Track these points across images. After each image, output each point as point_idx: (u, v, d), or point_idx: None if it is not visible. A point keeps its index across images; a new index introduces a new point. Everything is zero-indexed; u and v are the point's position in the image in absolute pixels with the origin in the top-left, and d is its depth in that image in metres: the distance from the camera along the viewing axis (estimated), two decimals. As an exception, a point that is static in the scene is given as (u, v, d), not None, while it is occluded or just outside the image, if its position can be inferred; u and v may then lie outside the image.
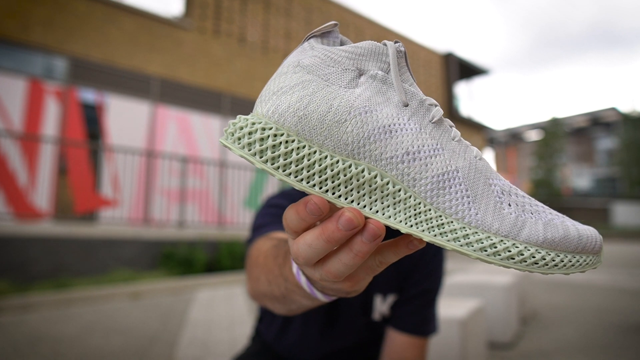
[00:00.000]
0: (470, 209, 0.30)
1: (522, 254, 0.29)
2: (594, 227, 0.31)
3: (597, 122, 29.44)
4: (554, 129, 24.61)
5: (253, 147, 0.30)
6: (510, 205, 0.31)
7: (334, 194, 0.30)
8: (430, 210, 0.30)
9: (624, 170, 24.25)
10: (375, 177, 0.30)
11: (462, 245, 0.29)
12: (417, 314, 0.87)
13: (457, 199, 0.30)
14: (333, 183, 0.30)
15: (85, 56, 6.48)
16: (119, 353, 2.30)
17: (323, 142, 0.30)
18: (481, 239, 0.29)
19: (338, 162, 0.30)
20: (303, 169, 0.30)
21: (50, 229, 4.47)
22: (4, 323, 2.89)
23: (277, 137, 0.30)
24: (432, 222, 0.30)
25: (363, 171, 0.30)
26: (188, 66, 7.61)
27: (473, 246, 0.29)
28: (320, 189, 0.30)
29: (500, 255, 0.29)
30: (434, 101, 0.34)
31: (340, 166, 0.30)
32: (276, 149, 0.30)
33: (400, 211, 0.31)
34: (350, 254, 0.30)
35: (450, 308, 1.89)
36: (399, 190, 0.31)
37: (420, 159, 0.31)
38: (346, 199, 0.31)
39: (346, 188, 0.30)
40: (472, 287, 2.63)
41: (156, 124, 7.06)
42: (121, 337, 2.59)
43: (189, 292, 4.19)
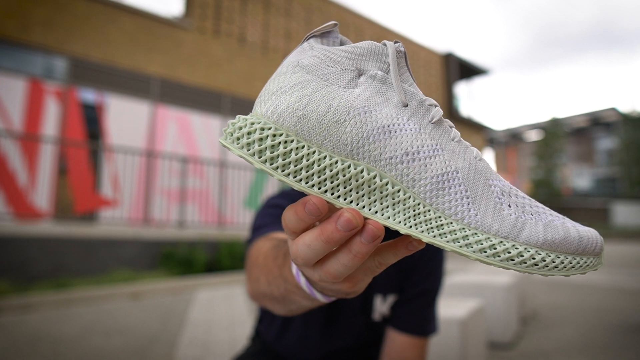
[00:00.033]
0: (470, 210, 0.30)
1: (522, 256, 0.29)
2: (594, 228, 0.31)
3: (597, 122, 29.44)
4: (554, 129, 24.61)
5: (252, 147, 0.30)
6: (510, 206, 0.31)
7: (332, 195, 0.30)
8: (429, 211, 0.30)
9: (624, 170, 24.24)
10: (375, 177, 0.30)
11: (461, 247, 0.29)
12: (417, 314, 0.87)
13: (457, 200, 0.30)
14: (332, 183, 0.30)
15: (85, 56, 6.48)
16: (119, 353, 2.29)
17: (322, 142, 0.30)
18: (481, 240, 0.29)
19: (337, 163, 0.30)
20: (302, 169, 0.30)
21: (50, 229, 4.47)
22: (4, 323, 2.89)
23: (276, 137, 0.30)
24: (431, 223, 0.30)
25: (362, 171, 0.30)
26: (188, 66, 7.61)
27: (472, 247, 0.29)
28: (319, 189, 0.30)
29: (500, 256, 0.29)
30: (433, 101, 0.33)
31: (339, 166, 0.30)
32: (275, 149, 0.30)
33: (400, 212, 0.30)
34: (349, 254, 0.30)
35: (450, 308, 1.89)
36: (398, 191, 0.30)
37: (420, 160, 0.30)
38: (345, 200, 0.30)
39: (345, 188, 0.30)
40: (472, 287, 2.63)
41: (156, 124, 7.06)
42: (121, 337, 2.59)
43: (189, 292, 4.19)
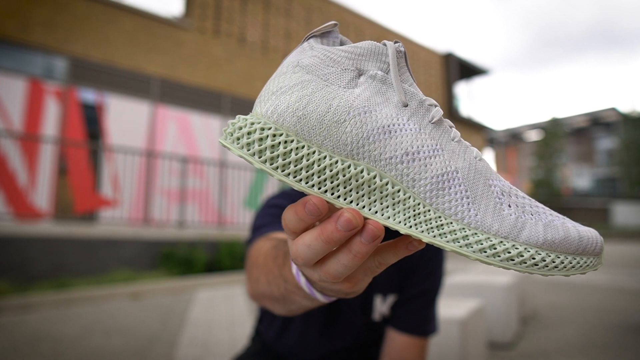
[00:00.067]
0: (470, 210, 0.30)
1: (522, 256, 0.29)
2: (594, 228, 0.31)
3: (597, 122, 29.44)
4: (554, 129, 24.61)
5: (252, 147, 0.30)
6: (510, 206, 0.31)
7: (332, 195, 0.30)
8: (429, 211, 0.30)
9: (624, 170, 24.24)
10: (375, 177, 0.30)
11: (461, 247, 0.29)
12: (417, 314, 0.87)
13: (457, 200, 0.30)
14: (332, 183, 0.30)
15: (85, 56, 6.48)
16: (119, 353, 2.29)
17: (322, 142, 0.30)
18: (481, 240, 0.29)
19: (337, 163, 0.30)
20: (302, 169, 0.30)
21: (50, 229, 4.47)
22: (4, 323, 2.89)
23: (276, 137, 0.30)
24: (431, 223, 0.30)
25: (362, 171, 0.30)
26: (188, 66, 7.61)
27: (472, 247, 0.29)
28: (319, 189, 0.30)
29: (499, 256, 0.29)
30: (433, 101, 0.33)
31: (339, 166, 0.30)
32: (275, 149, 0.30)
33: (400, 212, 0.30)
34: (349, 254, 0.30)
35: (450, 308, 1.89)
36: (398, 191, 0.30)
37: (420, 160, 0.30)
38: (345, 200, 0.30)
39: (345, 188, 0.30)
40: (472, 287, 2.63)
41: (156, 124, 7.06)
42: (121, 337, 2.59)
43: (189, 292, 4.19)
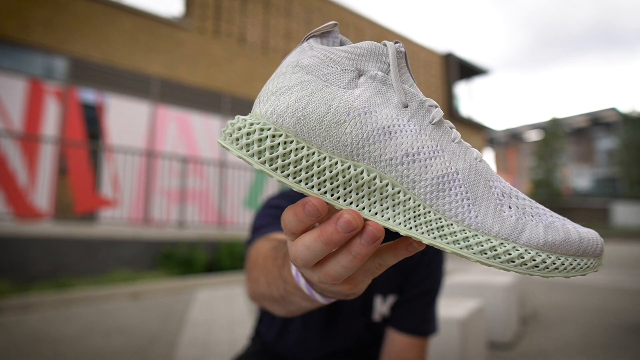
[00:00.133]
0: (470, 212, 0.30)
1: (523, 257, 0.29)
2: (594, 228, 0.31)
3: (597, 122, 29.44)
4: (554, 129, 24.61)
5: (251, 148, 0.30)
6: (510, 207, 0.30)
7: (332, 196, 0.30)
8: (429, 212, 0.30)
9: (624, 170, 24.24)
10: (375, 178, 0.30)
11: (461, 248, 0.29)
12: (417, 314, 0.87)
13: (457, 201, 0.30)
14: (332, 185, 0.30)
15: (85, 56, 6.48)
16: (119, 353, 2.29)
17: (322, 143, 0.30)
18: (481, 242, 0.29)
19: (337, 164, 0.30)
20: (301, 170, 0.30)
21: (50, 229, 4.47)
22: (4, 323, 2.88)
23: (275, 138, 0.30)
24: (431, 225, 0.30)
25: (362, 173, 0.30)
26: (188, 66, 7.60)
27: (473, 249, 0.29)
28: (319, 190, 0.30)
29: (500, 258, 0.29)
30: (434, 102, 0.33)
31: (339, 167, 0.30)
32: (274, 150, 0.30)
33: (400, 213, 0.30)
34: (349, 256, 0.30)
35: (450, 308, 1.89)
36: (399, 192, 0.30)
37: (420, 161, 0.30)
38: (345, 201, 0.30)
39: (345, 190, 0.30)
40: (472, 287, 2.62)
41: (156, 124, 7.06)
42: (121, 337, 2.59)
43: (189, 292, 4.19)
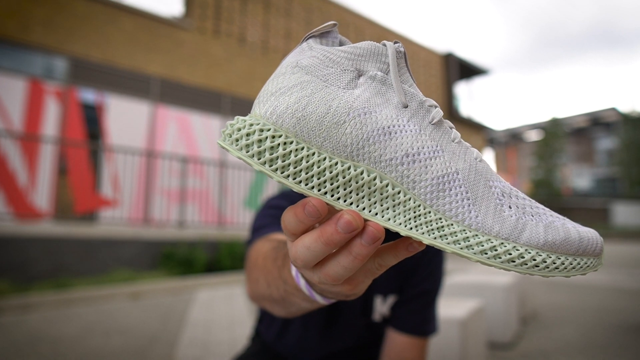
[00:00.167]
0: (471, 212, 0.30)
1: (523, 257, 0.29)
2: (594, 228, 0.31)
3: (597, 122, 29.44)
4: (554, 129, 24.60)
5: (251, 149, 0.30)
6: (510, 207, 0.30)
7: (332, 196, 0.30)
8: (430, 212, 0.30)
9: (624, 170, 24.24)
10: (375, 179, 0.30)
11: (462, 248, 0.29)
12: (417, 314, 0.87)
13: (457, 201, 0.30)
14: (332, 185, 0.30)
15: (85, 56, 6.48)
16: (119, 353, 2.29)
17: (322, 143, 0.30)
18: (481, 242, 0.29)
19: (337, 164, 0.30)
20: (301, 171, 0.30)
21: (50, 229, 4.47)
22: (4, 323, 2.88)
23: (275, 139, 0.30)
24: (432, 225, 0.30)
25: (362, 173, 0.30)
26: (188, 66, 7.60)
27: (473, 249, 0.29)
28: (319, 191, 0.30)
29: (500, 258, 0.29)
30: (434, 102, 0.33)
31: (339, 168, 0.30)
32: (274, 151, 0.29)
33: (400, 213, 0.30)
34: (349, 256, 0.30)
35: (450, 308, 1.88)
36: (399, 193, 0.30)
37: (420, 161, 0.30)
38: (345, 201, 0.30)
39: (345, 190, 0.30)
40: (472, 287, 2.62)
41: (156, 124, 7.06)
42: (121, 337, 2.59)
43: (189, 292, 4.19)
